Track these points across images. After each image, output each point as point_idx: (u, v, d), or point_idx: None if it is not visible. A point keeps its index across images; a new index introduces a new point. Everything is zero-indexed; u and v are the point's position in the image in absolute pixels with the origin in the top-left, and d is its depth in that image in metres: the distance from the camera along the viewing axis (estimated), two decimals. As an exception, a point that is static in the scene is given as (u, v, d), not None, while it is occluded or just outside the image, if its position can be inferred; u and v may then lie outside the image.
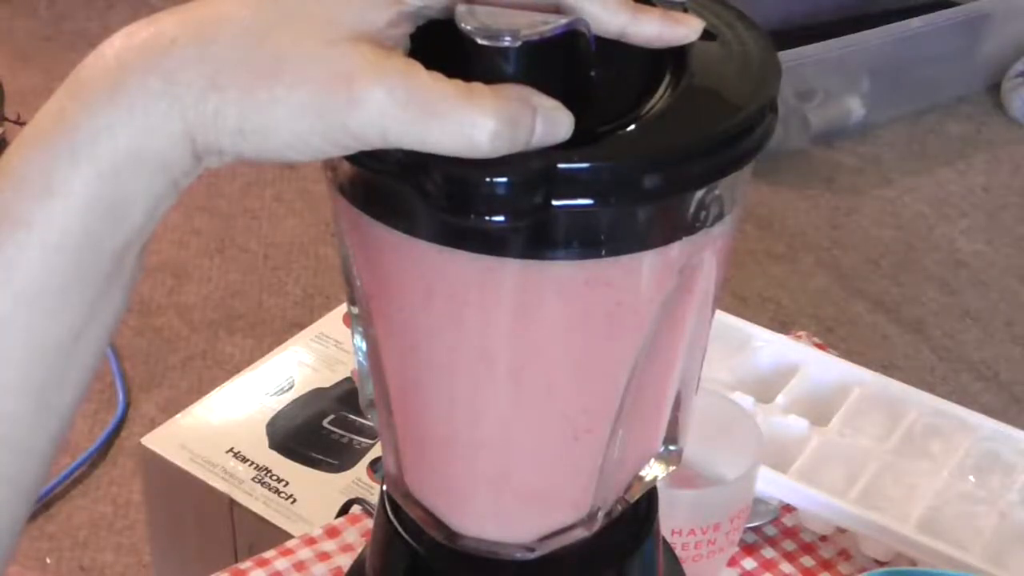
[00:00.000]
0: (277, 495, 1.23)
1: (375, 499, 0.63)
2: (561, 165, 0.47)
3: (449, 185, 0.46)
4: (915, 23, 2.57)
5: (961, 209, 2.47)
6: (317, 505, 1.21)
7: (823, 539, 0.94)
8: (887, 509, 0.90)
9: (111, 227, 0.47)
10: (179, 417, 1.31)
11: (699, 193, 0.50)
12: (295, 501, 1.23)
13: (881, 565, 0.91)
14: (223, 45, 0.46)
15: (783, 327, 1.77)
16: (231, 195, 2.38)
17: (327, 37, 0.46)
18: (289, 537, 0.96)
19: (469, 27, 0.47)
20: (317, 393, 1.33)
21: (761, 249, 2.33)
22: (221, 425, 1.29)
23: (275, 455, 1.27)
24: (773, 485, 0.91)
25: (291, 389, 1.33)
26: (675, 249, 0.51)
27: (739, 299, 2.19)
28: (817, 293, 2.25)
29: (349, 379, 1.33)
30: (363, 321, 0.56)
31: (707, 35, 0.52)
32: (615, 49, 0.50)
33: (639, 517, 0.62)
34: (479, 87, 0.46)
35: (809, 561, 0.92)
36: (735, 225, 0.54)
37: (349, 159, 0.48)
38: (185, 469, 1.25)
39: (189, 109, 0.46)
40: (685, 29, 0.51)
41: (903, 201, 2.48)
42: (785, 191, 2.47)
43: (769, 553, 0.93)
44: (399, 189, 0.48)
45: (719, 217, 0.52)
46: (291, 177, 2.42)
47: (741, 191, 0.53)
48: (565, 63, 0.49)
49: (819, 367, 1.01)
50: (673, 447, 0.60)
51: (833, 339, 2.09)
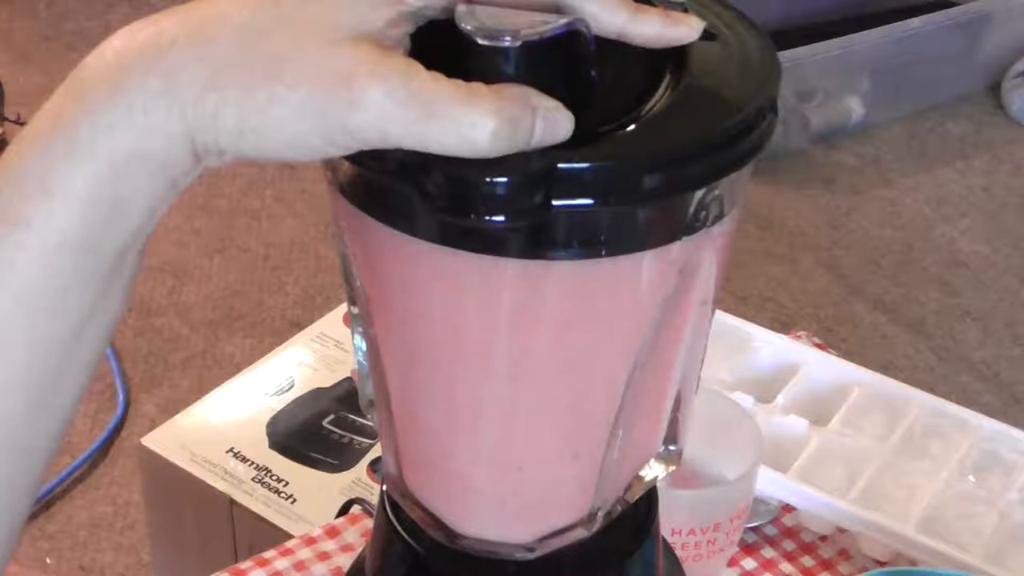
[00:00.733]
0: (277, 495, 1.23)
1: (375, 499, 0.63)
2: (561, 165, 0.47)
3: (449, 185, 0.46)
4: (915, 23, 2.57)
5: (961, 209, 2.47)
6: (317, 505, 1.21)
7: (823, 539, 0.94)
8: (887, 509, 0.90)
9: (111, 227, 0.47)
10: (179, 417, 1.31)
11: (699, 193, 0.50)
12: (295, 501, 1.23)
13: (881, 565, 0.91)
14: (223, 45, 0.46)
15: (783, 327, 1.77)
16: (231, 195, 2.38)
17: (327, 37, 0.46)
18: (289, 537, 0.96)
19: (469, 27, 0.47)
20: (317, 393, 1.33)
21: (761, 249, 2.33)
22: (221, 425, 1.29)
23: (275, 455, 1.27)
24: (773, 485, 0.91)
25: (291, 389, 1.33)
26: (675, 249, 0.51)
27: (739, 299, 2.19)
28: (817, 293, 2.25)
29: (349, 379, 1.33)
30: (363, 321, 0.56)
31: (707, 35, 0.52)
32: (615, 49, 0.50)
33: (639, 517, 0.62)
34: (479, 87, 0.46)
35: (809, 561, 0.92)
36: (735, 225, 0.54)
37: (349, 159, 0.48)
38: (185, 469, 1.25)
39: (189, 109, 0.46)
40: (685, 29, 0.51)
41: (903, 201, 2.48)
42: (785, 191, 2.47)
43: (769, 553, 0.93)
44: (399, 189, 0.48)
45: (719, 217, 0.52)
46: (291, 177, 2.42)
47: (741, 191, 0.53)
48: (565, 63, 0.49)
49: (819, 367, 1.01)
50: (673, 447, 0.60)
51: (833, 339, 2.09)
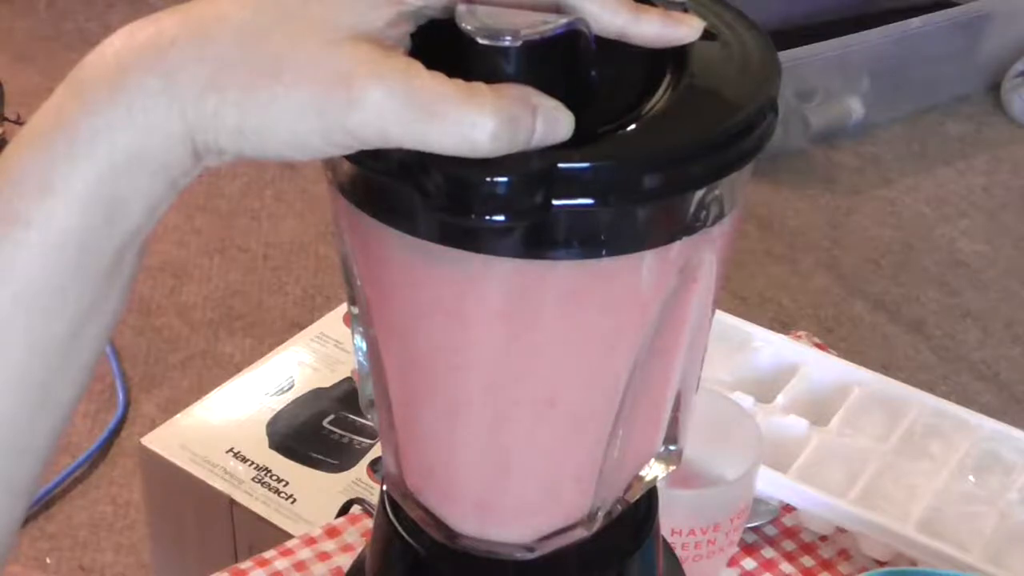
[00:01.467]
0: (277, 495, 1.23)
1: (375, 499, 0.63)
2: (561, 165, 0.47)
3: (449, 185, 0.46)
4: (915, 23, 2.57)
5: (961, 209, 2.47)
6: (317, 505, 1.21)
7: (823, 539, 0.94)
8: (887, 509, 0.90)
9: (110, 226, 0.47)
10: (179, 417, 1.31)
11: (699, 193, 0.50)
12: (295, 501, 1.23)
13: (881, 565, 0.91)
14: (223, 45, 0.46)
15: (783, 327, 1.77)
16: (231, 195, 2.38)
17: (327, 37, 0.46)
18: (289, 537, 0.96)
19: (469, 27, 0.47)
20: (317, 393, 1.33)
21: (761, 249, 2.33)
22: (221, 425, 1.29)
23: (275, 455, 1.27)
24: (773, 485, 0.91)
25: (291, 389, 1.33)
26: (675, 249, 0.51)
27: (739, 299, 2.19)
28: (817, 293, 2.25)
29: (349, 379, 1.33)
30: (363, 321, 0.56)
31: (707, 35, 0.52)
32: (615, 49, 0.50)
33: (639, 517, 0.62)
34: (479, 87, 0.46)
35: (809, 561, 0.92)
36: (735, 225, 0.54)
37: (349, 159, 0.48)
38: (185, 469, 1.25)
39: (189, 108, 0.46)
40: (685, 29, 0.51)
41: (903, 201, 2.48)
42: (785, 191, 2.47)
43: (769, 553, 0.93)
44: (399, 189, 0.48)
45: (719, 217, 0.52)
46: (291, 177, 2.42)
47: (741, 191, 0.53)
48: (565, 63, 0.49)
49: (819, 367, 1.01)
50: (673, 447, 0.60)
51: (833, 339, 2.09)
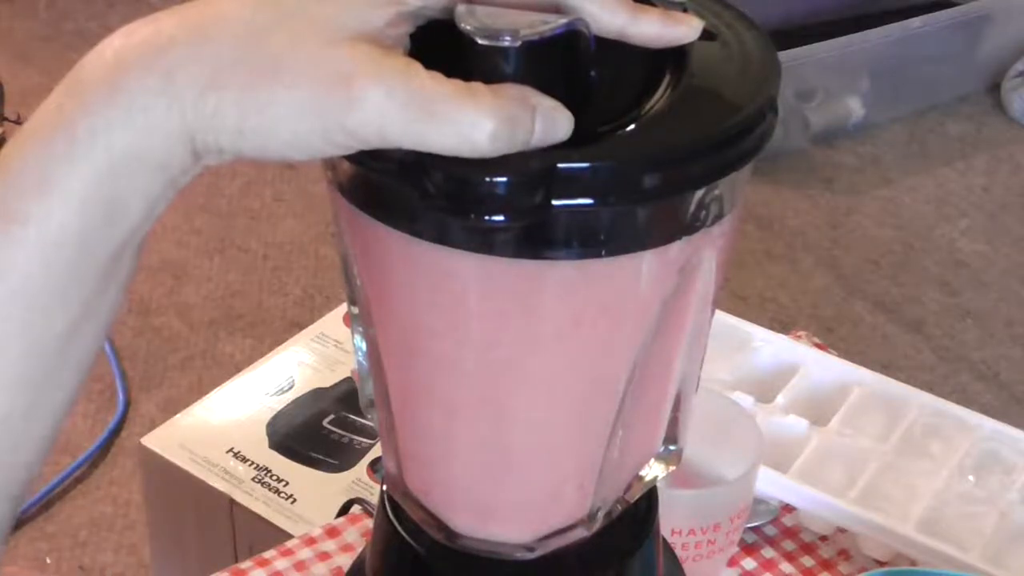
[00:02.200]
0: (277, 495, 1.23)
1: (375, 499, 0.63)
2: (561, 165, 0.47)
3: (449, 185, 0.46)
4: (915, 23, 2.57)
5: (961, 209, 2.47)
6: (317, 505, 1.21)
7: (823, 539, 0.94)
8: (887, 509, 0.90)
9: (108, 225, 0.47)
10: (179, 417, 1.31)
11: (699, 193, 0.50)
12: (295, 501, 1.23)
13: (881, 565, 0.91)
14: (222, 45, 0.46)
15: (783, 327, 1.76)
16: (231, 195, 2.38)
17: (326, 37, 0.46)
18: (289, 537, 0.96)
19: (469, 27, 0.47)
20: (317, 393, 1.33)
21: (761, 249, 2.33)
22: (221, 425, 1.29)
23: (275, 455, 1.27)
24: (773, 485, 0.91)
25: (291, 389, 1.33)
26: (675, 249, 0.51)
27: (739, 299, 2.19)
28: (817, 293, 2.25)
29: (349, 379, 1.33)
30: (363, 321, 0.56)
31: (707, 35, 0.52)
32: (615, 49, 0.50)
33: (639, 517, 0.62)
34: (478, 87, 0.46)
35: (809, 561, 0.92)
36: (735, 225, 0.54)
37: (349, 158, 0.48)
38: (185, 469, 1.25)
39: (188, 108, 0.46)
40: (685, 29, 0.51)
41: (903, 201, 2.48)
42: (785, 191, 2.47)
43: (769, 553, 0.93)
44: (399, 189, 0.48)
45: (719, 217, 0.52)
46: (291, 177, 2.42)
47: (741, 191, 0.53)
48: (565, 63, 0.49)
49: (819, 367, 1.01)
50: (673, 447, 0.60)
51: (833, 339, 2.09)
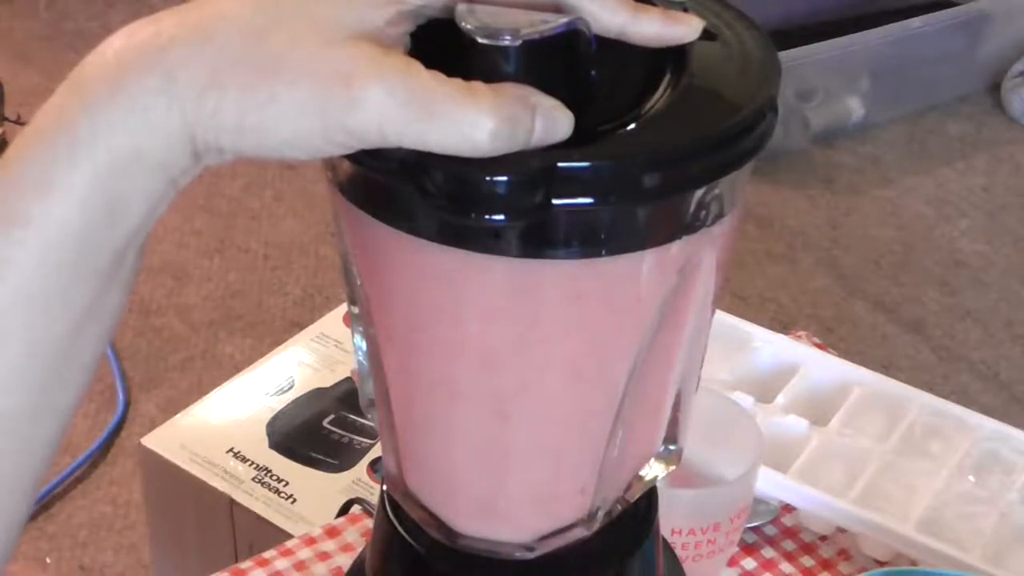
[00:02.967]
0: (277, 495, 1.23)
1: (375, 499, 0.63)
2: (561, 164, 0.47)
3: (449, 184, 0.46)
4: (915, 23, 2.57)
5: (961, 209, 2.47)
6: (317, 505, 1.21)
7: (823, 539, 0.94)
8: (887, 509, 0.90)
9: (110, 225, 0.47)
10: (179, 417, 1.31)
11: (699, 192, 0.50)
12: (295, 501, 1.23)
13: (881, 565, 0.91)
14: (223, 44, 0.46)
15: (783, 327, 1.76)
16: (231, 195, 2.38)
17: (327, 36, 0.46)
18: (289, 537, 0.96)
19: (469, 26, 0.47)
20: (317, 393, 1.33)
21: (761, 249, 2.33)
22: (221, 425, 1.29)
23: (275, 455, 1.27)
24: (773, 485, 0.91)
25: (291, 389, 1.33)
26: (675, 248, 0.51)
27: (739, 299, 2.19)
28: (817, 293, 2.25)
29: (349, 379, 1.33)
30: (363, 321, 0.56)
31: (707, 35, 0.52)
32: (615, 49, 0.50)
33: (639, 517, 0.62)
34: (479, 86, 0.46)
35: (809, 561, 0.92)
36: (735, 225, 0.54)
37: (349, 158, 0.48)
38: (185, 469, 1.25)
39: (188, 107, 0.46)
40: (685, 28, 0.51)
41: (903, 201, 2.48)
42: (785, 191, 2.47)
43: (769, 553, 0.93)
44: (399, 188, 0.48)
45: (719, 216, 0.52)
46: (291, 177, 2.42)
47: (741, 191, 0.53)
48: (565, 62, 0.49)
49: (819, 367, 1.01)
50: (673, 447, 0.60)
51: (833, 339, 2.09)
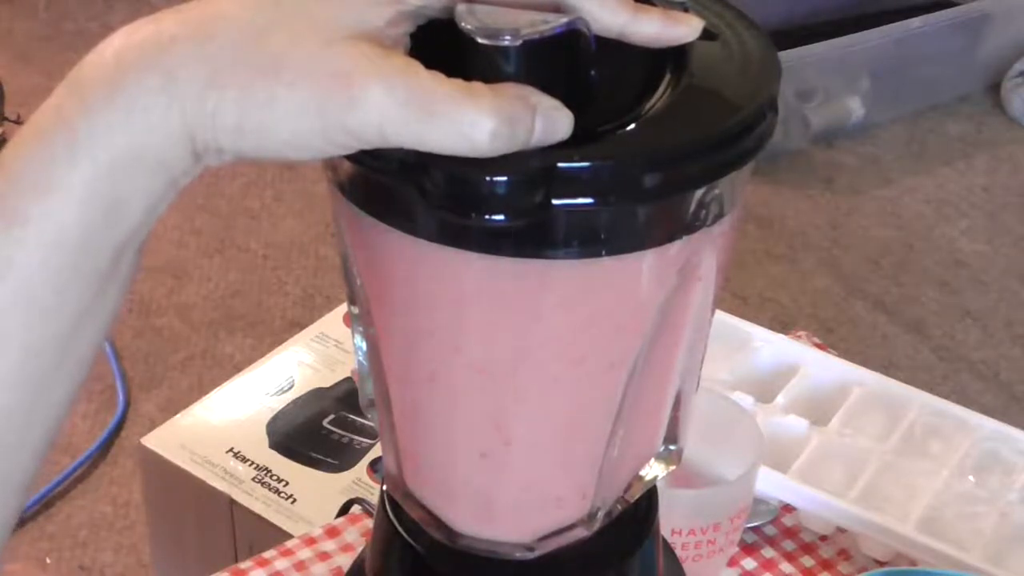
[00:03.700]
0: (277, 495, 1.23)
1: (375, 499, 0.63)
2: (561, 164, 0.47)
3: (449, 184, 0.46)
4: (915, 23, 2.57)
5: (961, 209, 2.47)
6: (317, 505, 1.21)
7: (823, 539, 0.94)
8: (887, 509, 0.90)
9: (109, 225, 0.47)
10: (179, 417, 1.31)
11: (699, 192, 0.50)
12: (295, 501, 1.23)
13: (881, 565, 0.91)
14: (222, 44, 0.46)
15: (783, 327, 1.76)
16: (231, 195, 2.38)
17: (326, 36, 0.46)
18: (289, 537, 0.96)
19: (469, 26, 0.47)
20: (317, 393, 1.33)
21: (761, 249, 2.33)
22: (221, 425, 1.29)
23: (275, 455, 1.27)
24: (773, 485, 0.91)
25: (291, 389, 1.33)
26: (675, 248, 0.51)
27: (739, 299, 2.19)
28: (817, 293, 2.25)
29: (349, 379, 1.33)
30: (363, 321, 0.56)
31: (707, 35, 0.52)
32: (615, 49, 0.50)
33: (639, 517, 0.62)
34: (479, 86, 0.46)
35: (809, 561, 0.92)
36: (735, 225, 0.54)
37: (349, 158, 0.48)
38: (185, 469, 1.25)
39: (188, 107, 0.46)
40: (685, 28, 0.51)
41: (903, 201, 2.48)
42: (785, 191, 2.47)
43: (769, 553, 0.93)
44: (399, 188, 0.48)
45: (719, 216, 0.52)
46: (291, 177, 2.42)
47: (741, 191, 0.53)
48: (565, 62, 0.49)
49: (819, 367, 1.01)
50: (673, 447, 0.60)
51: (833, 339, 2.09)
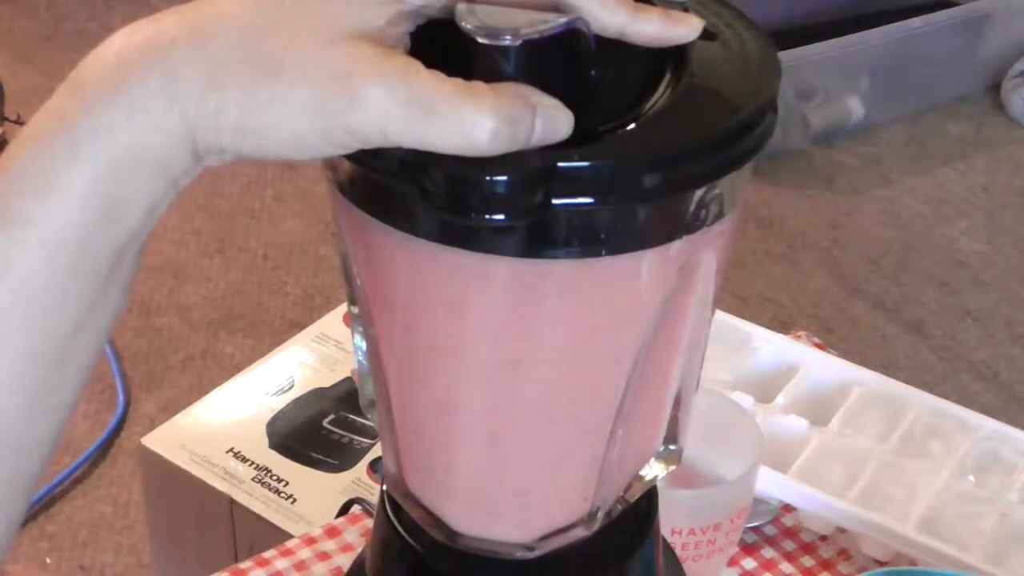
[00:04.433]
0: (277, 495, 1.23)
1: (375, 499, 0.63)
2: (561, 164, 0.47)
3: (449, 184, 0.46)
4: (915, 23, 2.57)
5: (961, 209, 2.47)
6: (317, 505, 1.21)
7: (823, 539, 0.94)
8: (887, 509, 0.90)
9: (110, 226, 0.47)
10: (179, 417, 1.31)
11: (699, 192, 0.50)
12: (295, 501, 1.23)
13: (881, 565, 0.91)
14: (223, 44, 0.46)
15: (783, 327, 1.76)
16: (231, 195, 2.38)
17: (327, 36, 0.46)
18: (289, 537, 0.96)
19: (469, 26, 0.47)
20: (317, 393, 1.33)
21: (761, 249, 2.33)
22: (221, 425, 1.29)
23: (275, 455, 1.27)
24: (773, 485, 0.91)
25: (291, 389, 1.33)
26: (675, 248, 0.51)
27: (739, 299, 2.19)
28: (817, 293, 2.25)
29: (349, 379, 1.34)
30: (363, 321, 0.56)
31: (707, 35, 0.52)
32: (615, 49, 0.50)
33: (639, 517, 0.62)
34: (479, 86, 0.46)
35: (809, 561, 0.92)
36: (735, 224, 0.54)
37: (349, 158, 0.48)
38: (185, 469, 1.25)
39: (189, 108, 0.46)
40: (684, 28, 0.51)
41: (903, 201, 2.48)
42: (785, 191, 2.47)
43: (769, 553, 0.93)
44: (399, 188, 0.48)
45: (719, 216, 0.52)
46: (291, 177, 2.42)
47: (741, 190, 0.53)
48: (565, 62, 0.49)
49: (819, 367, 1.01)
50: (673, 447, 0.60)
51: (833, 339, 2.09)
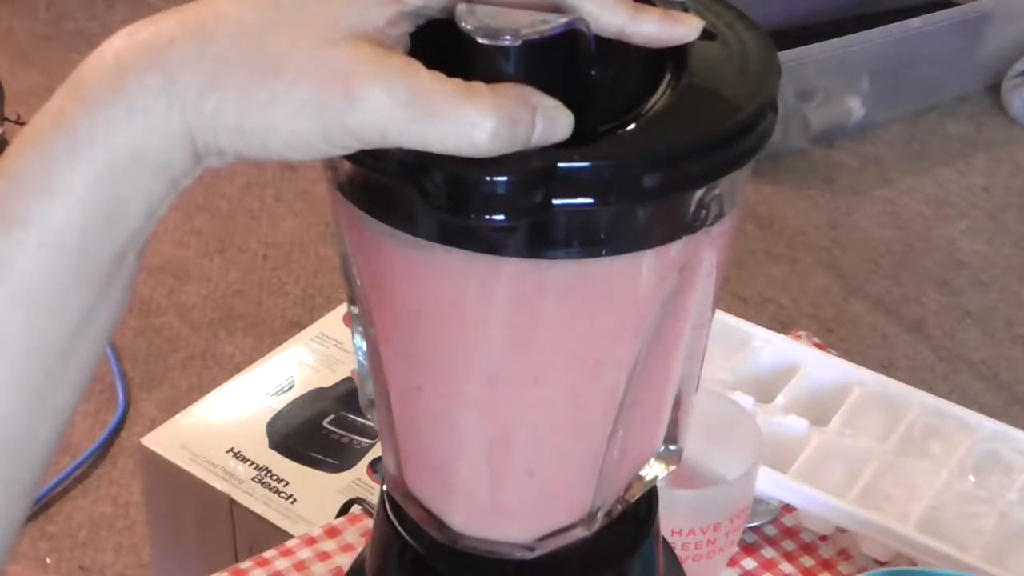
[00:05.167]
0: (277, 495, 1.23)
1: (375, 499, 0.63)
2: (561, 164, 0.47)
3: (449, 184, 0.46)
4: (915, 23, 2.57)
5: (961, 209, 2.47)
6: (317, 505, 1.21)
7: (823, 539, 0.94)
8: (887, 509, 0.90)
9: (110, 227, 0.47)
10: (179, 417, 1.31)
11: (699, 192, 0.50)
12: (295, 501, 1.23)
13: (881, 565, 0.91)
14: (222, 44, 0.46)
15: (783, 327, 1.76)
16: (231, 195, 2.38)
17: (326, 36, 0.46)
18: (289, 537, 0.96)
19: (469, 26, 0.47)
20: (317, 393, 1.33)
21: (761, 249, 2.33)
22: (221, 425, 1.29)
23: (275, 455, 1.27)
24: (773, 485, 0.91)
25: (291, 389, 1.33)
26: (675, 248, 0.51)
27: (739, 299, 2.19)
28: (817, 293, 2.25)
29: (349, 379, 1.34)
30: (363, 321, 0.56)
31: (707, 35, 0.52)
32: (615, 49, 0.50)
33: (639, 517, 0.62)
34: (479, 86, 0.46)
35: (809, 561, 0.92)
36: (735, 224, 0.54)
37: (349, 158, 0.48)
38: (185, 469, 1.25)
39: (189, 108, 0.46)
40: (684, 28, 0.51)
41: (903, 201, 2.48)
42: (785, 191, 2.47)
43: (769, 553, 0.93)
44: (399, 189, 0.48)
45: (719, 216, 0.52)
46: (291, 177, 2.42)
47: (741, 190, 0.53)
48: (565, 62, 0.49)
49: (819, 367, 1.01)
50: (673, 447, 0.60)
51: (833, 339, 2.09)
